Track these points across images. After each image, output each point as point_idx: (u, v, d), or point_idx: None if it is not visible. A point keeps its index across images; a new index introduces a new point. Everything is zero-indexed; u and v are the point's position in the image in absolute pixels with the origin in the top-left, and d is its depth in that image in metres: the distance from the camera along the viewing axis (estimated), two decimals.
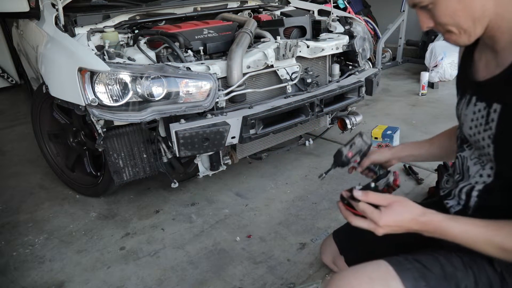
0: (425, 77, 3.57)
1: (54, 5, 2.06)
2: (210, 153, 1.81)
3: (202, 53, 1.83)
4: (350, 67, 2.36)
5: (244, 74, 1.76)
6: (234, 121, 1.69)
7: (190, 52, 1.82)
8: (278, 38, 1.96)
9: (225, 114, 1.73)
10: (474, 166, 0.89)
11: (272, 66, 1.89)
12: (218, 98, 1.72)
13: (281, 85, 1.96)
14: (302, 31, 2.18)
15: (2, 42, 4.83)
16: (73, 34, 1.86)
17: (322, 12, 2.64)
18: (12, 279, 1.62)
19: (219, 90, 1.72)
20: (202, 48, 1.83)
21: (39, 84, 2.07)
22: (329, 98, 2.04)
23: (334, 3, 4.23)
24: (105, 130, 1.70)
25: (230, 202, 2.08)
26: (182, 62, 1.73)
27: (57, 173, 2.33)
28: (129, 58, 1.69)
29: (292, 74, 1.99)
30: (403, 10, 4.48)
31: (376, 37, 4.77)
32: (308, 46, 2.03)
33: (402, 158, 1.16)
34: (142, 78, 1.56)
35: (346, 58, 2.40)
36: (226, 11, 2.37)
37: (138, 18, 2.13)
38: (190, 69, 1.65)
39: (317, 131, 2.77)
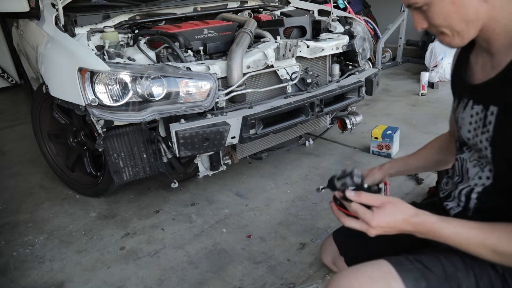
0: (425, 77, 3.57)
1: (54, 5, 2.06)
2: (210, 153, 1.81)
3: (202, 53, 1.83)
4: (350, 67, 2.36)
5: (244, 74, 1.76)
6: (234, 121, 1.69)
7: (190, 52, 1.82)
8: (278, 38, 1.96)
9: (225, 114, 1.73)
10: (474, 168, 0.89)
11: (272, 66, 1.89)
12: (218, 98, 1.72)
13: (281, 85, 1.96)
14: (302, 31, 2.18)
15: (2, 42, 4.83)
16: (73, 34, 1.86)
17: (322, 12, 2.64)
18: (12, 279, 1.62)
19: (219, 90, 1.72)
20: (202, 48, 1.83)
21: (39, 84, 2.07)
22: (329, 98, 2.03)
23: (334, 3, 4.23)
24: (105, 130, 1.70)
25: (230, 202, 2.08)
26: (182, 62, 1.73)
27: (57, 173, 2.33)
28: (129, 58, 1.69)
29: (292, 74, 1.98)
30: (403, 10, 4.48)
31: (376, 37, 4.77)
32: (308, 46, 2.03)
33: (392, 175, 1.19)
34: (142, 78, 1.56)
35: (346, 58, 2.40)
36: (226, 11, 2.37)
37: (138, 18, 2.13)
38: (190, 69, 1.65)
39: (317, 131, 2.77)
